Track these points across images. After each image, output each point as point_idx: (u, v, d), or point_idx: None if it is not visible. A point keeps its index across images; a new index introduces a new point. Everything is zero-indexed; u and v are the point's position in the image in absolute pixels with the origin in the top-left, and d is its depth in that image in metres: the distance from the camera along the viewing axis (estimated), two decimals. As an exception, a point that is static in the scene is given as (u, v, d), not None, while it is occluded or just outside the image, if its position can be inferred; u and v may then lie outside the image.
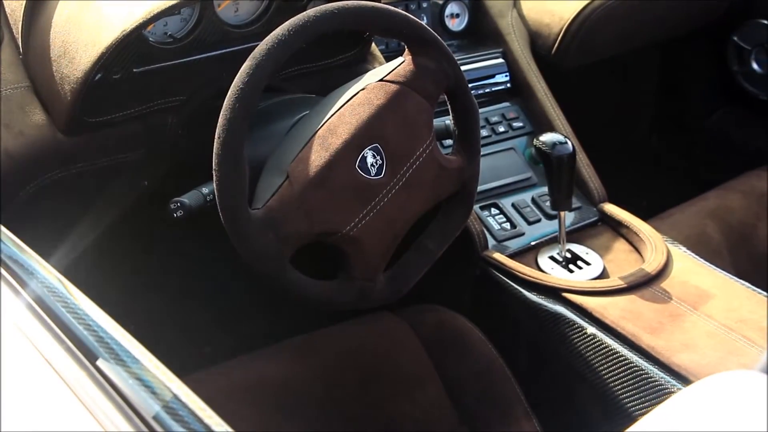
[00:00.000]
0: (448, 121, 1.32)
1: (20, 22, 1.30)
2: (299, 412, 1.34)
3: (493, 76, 1.78)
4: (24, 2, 1.29)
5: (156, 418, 0.68)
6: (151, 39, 1.33)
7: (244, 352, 1.44)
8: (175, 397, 0.71)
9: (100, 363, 0.73)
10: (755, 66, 2.16)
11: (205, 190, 1.19)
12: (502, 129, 1.74)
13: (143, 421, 0.68)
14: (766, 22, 2.10)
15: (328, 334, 1.47)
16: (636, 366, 1.29)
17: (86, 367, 0.73)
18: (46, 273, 0.87)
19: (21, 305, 0.81)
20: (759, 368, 0.51)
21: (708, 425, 0.49)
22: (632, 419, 1.30)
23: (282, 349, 1.44)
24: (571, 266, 1.50)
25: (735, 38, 2.17)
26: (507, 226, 1.60)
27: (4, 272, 0.85)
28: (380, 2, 1.27)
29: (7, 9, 1.33)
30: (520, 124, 1.76)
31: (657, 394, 1.27)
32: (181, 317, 1.84)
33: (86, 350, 0.75)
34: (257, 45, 1.11)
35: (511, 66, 1.80)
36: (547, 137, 1.43)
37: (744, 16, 2.13)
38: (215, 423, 0.68)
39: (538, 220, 1.62)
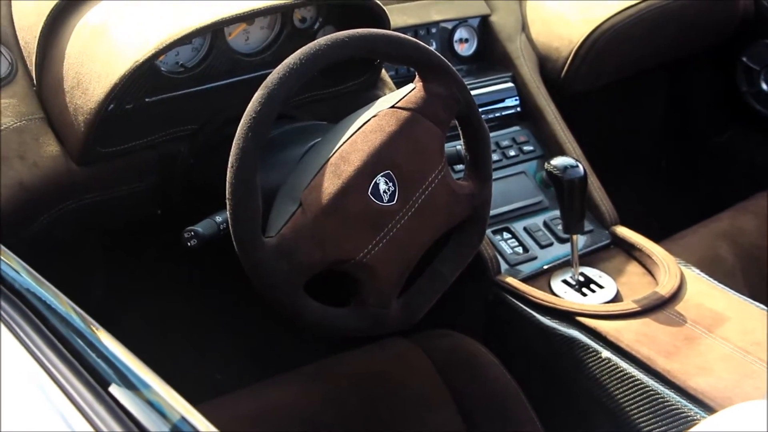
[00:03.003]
0: (459, 146, 1.32)
1: (34, 54, 1.30)
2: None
3: (503, 101, 1.78)
4: (38, 35, 1.29)
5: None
6: (163, 69, 1.34)
7: (255, 380, 1.43)
8: (188, 423, 0.71)
9: (112, 389, 0.73)
10: (764, 86, 2.16)
11: (218, 218, 1.19)
12: (512, 153, 1.74)
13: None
14: (773, 42, 2.11)
15: (340, 360, 1.46)
16: (652, 390, 1.29)
17: (99, 393, 0.73)
18: (60, 302, 0.87)
19: (35, 334, 0.81)
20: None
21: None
22: (649, 443, 1.30)
23: (294, 376, 1.43)
24: (584, 290, 1.50)
25: (744, 59, 2.17)
26: (519, 250, 1.59)
27: (18, 302, 0.85)
28: (389, 29, 1.27)
29: (21, 41, 1.33)
30: (531, 148, 1.76)
31: (674, 419, 1.26)
32: (193, 344, 1.84)
33: (99, 377, 0.75)
34: (268, 73, 1.11)
35: (521, 90, 1.80)
36: (558, 161, 1.43)
37: (753, 36, 2.13)
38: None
39: (551, 244, 1.61)
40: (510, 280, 1.51)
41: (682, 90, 2.36)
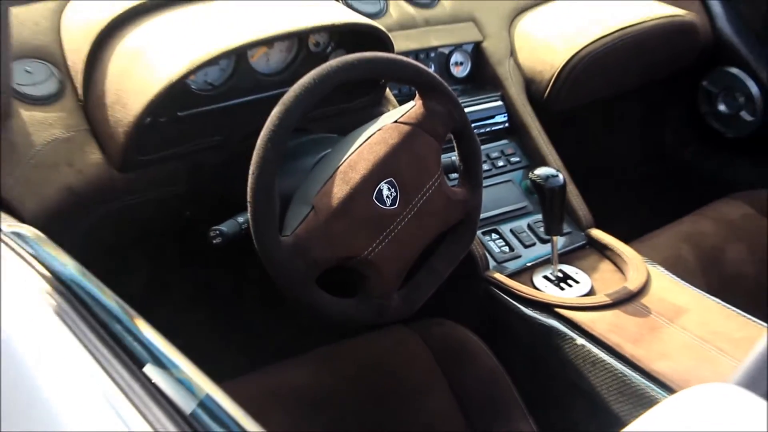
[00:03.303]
0: (454, 157, 1.32)
1: (80, 74, 1.31)
2: (322, 414, 1.33)
3: (493, 117, 1.78)
4: (84, 57, 1.30)
5: (193, 415, 0.68)
6: (193, 87, 1.34)
7: (274, 362, 1.43)
8: (212, 400, 0.71)
9: (146, 369, 0.73)
10: (721, 107, 2.17)
11: (240, 219, 1.20)
12: (501, 163, 1.74)
13: (184, 419, 0.68)
14: (730, 69, 2.11)
15: (348, 344, 1.46)
16: (620, 373, 1.29)
17: (135, 372, 0.73)
18: (103, 293, 0.87)
19: (82, 323, 0.81)
20: (734, 381, 0.50)
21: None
22: (617, 419, 1.30)
23: (308, 358, 1.44)
24: (562, 284, 1.50)
25: (704, 83, 2.17)
26: (506, 249, 1.59)
27: (66, 292, 0.86)
28: (393, 53, 1.27)
29: (69, 63, 1.34)
30: (517, 159, 1.76)
31: (639, 398, 1.26)
32: (220, 331, 1.84)
33: (135, 358, 0.75)
34: (286, 91, 1.12)
35: (509, 108, 1.80)
36: (541, 171, 1.43)
37: (712, 64, 2.13)
38: (246, 422, 0.68)
39: (534, 244, 1.61)
40: (497, 275, 1.51)
41: (652, 110, 2.36)
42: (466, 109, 1.30)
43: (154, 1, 1.32)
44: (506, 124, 1.80)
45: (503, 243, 1.60)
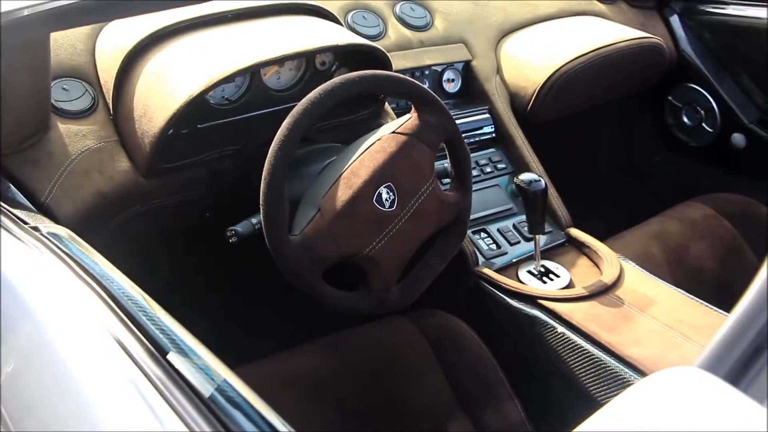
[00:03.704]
0: (446, 164, 1.32)
1: (111, 91, 1.31)
2: (330, 396, 1.33)
3: (481, 128, 1.78)
4: (114, 76, 1.30)
5: (211, 398, 0.67)
6: (211, 101, 1.34)
7: (284, 349, 1.43)
8: (229, 384, 0.70)
9: (170, 356, 0.73)
10: (685, 119, 2.17)
11: (254, 220, 1.19)
12: (488, 169, 1.73)
13: (202, 401, 0.67)
14: (692, 85, 2.11)
15: (352, 333, 1.46)
16: (596, 358, 1.28)
17: (158, 359, 0.73)
18: (129, 287, 0.87)
19: (111, 314, 0.80)
20: (698, 364, 0.50)
21: (655, 416, 0.48)
22: (594, 401, 1.29)
23: (315, 346, 1.43)
24: (544, 278, 1.49)
25: (670, 98, 2.17)
26: (493, 246, 1.59)
27: (97, 287, 0.85)
28: (392, 71, 1.27)
29: (101, 80, 1.34)
30: (503, 166, 1.75)
31: (614, 381, 1.25)
32: (235, 321, 1.83)
33: (158, 346, 0.75)
34: (295, 105, 1.11)
35: (496, 120, 1.79)
36: (525, 176, 1.43)
37: (677, 80, 2.13)
38: (260, 405, 0.68)
39: (518, 242, 1.60)
40: (486, 270, 1.51)
41: (624, 122, 2.36)
42: (457, 121, 1.30)
43: (176, 26, 1.32)
44: (493, 135, 1.79)
45: (491, 241, 1.60)
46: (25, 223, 1.05)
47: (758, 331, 0.48)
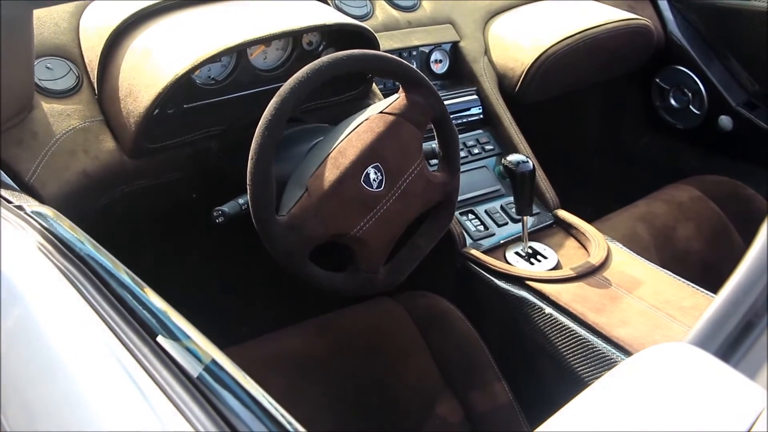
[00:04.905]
0: (434, 144, 1.31)
1: (96, 70, 1.29)
2: (317, 377, 1.33)
3: (469, 109, 1.77)
4: (99, 54, 1.28)
5: (200, 378, 0.67)
6: (197, 81, 1.32)
7: (272, 330, 1.42)
8: (217, 364, 0.70)
9: (159, 339, 0.72)
10: (672, 102, 2.17)
11: (241, 200, 1.19)
12: (476, 151, 1.73)
13: (191, 382, 0.67)
14: (680, 67, 2.11)
15: (340, 314, 1.46)
16: (584, 338, 1.29)
17: (146, 339, 0.72)
18: (116, 267, 0.86)
19: (98, 294, 0.80)
20: (687, 341, 0.50)
21: (646, 391, 0.48)
22: (581, 381, 1.30)
23: (303, 327, 1.43)
24: (532, 260, 1.49)
25: (657, 80, 2.17)
26: (481, 228, 1.59)
27: (82, 266, 0.84)
28: (379, 51, 1.26)
29: (86, 59, 1.33)
30: (491, 147, 1.75)
31: (600, 361, 1.26)
32: (223, 301, 1.83)
33: (148, 328, 0.74)
34: (282, 85, 1.10)
35: (483, 101, 1.79)
36: (513, 157, 1.42)
37: (664, 62, 2.13)
38: (248, 384, 0.67)
39: (506, 223, 1.60)
40: (474, 251, 1.51)
41: (612, 104, 2.36)
42: (445, 102, 1.29)
43: (161, 4, 1.30)
44: (481, 116, 1.79)
45: (479, 222, 1.60)
46: (9, 202, 1.04)
47: (748, 307, 0.48)
